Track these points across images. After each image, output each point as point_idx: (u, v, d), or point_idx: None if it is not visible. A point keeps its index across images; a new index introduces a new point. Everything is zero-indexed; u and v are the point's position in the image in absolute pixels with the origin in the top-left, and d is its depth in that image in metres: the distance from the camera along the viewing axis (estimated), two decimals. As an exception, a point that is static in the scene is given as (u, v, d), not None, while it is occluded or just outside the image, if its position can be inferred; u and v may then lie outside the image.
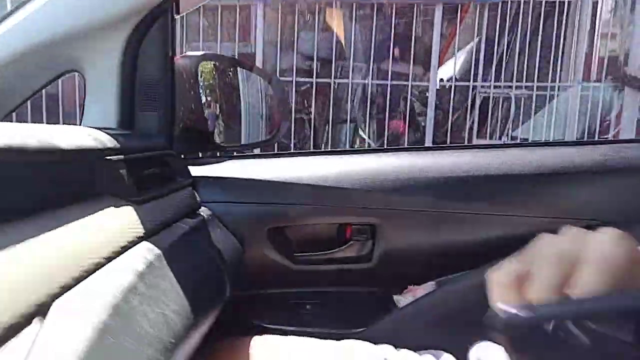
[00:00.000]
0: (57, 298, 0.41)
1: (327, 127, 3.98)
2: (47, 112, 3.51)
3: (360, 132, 4.07)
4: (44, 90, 0.89)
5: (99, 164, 0.60)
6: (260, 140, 1.17)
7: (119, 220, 0.57)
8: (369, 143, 4.02)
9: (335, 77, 3.87)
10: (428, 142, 3.81)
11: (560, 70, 3.87)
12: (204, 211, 0.81)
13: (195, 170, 0.88)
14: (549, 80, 3.79)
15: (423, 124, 4.00)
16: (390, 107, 3.87)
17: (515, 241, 0.84)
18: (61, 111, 3.62)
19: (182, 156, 0.92)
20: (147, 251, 0.57)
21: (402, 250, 0.87)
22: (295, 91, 3.85)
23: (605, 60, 3.84)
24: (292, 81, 3.80)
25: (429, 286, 0.87)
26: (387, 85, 3.82)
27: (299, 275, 0.89)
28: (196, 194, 0.84)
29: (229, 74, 1.11)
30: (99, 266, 0.49)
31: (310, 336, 0.79)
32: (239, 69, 1.12)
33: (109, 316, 0.44)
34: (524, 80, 3.79)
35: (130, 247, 0.55)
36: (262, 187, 0.86)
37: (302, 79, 3.84)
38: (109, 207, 0.58)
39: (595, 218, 0.85)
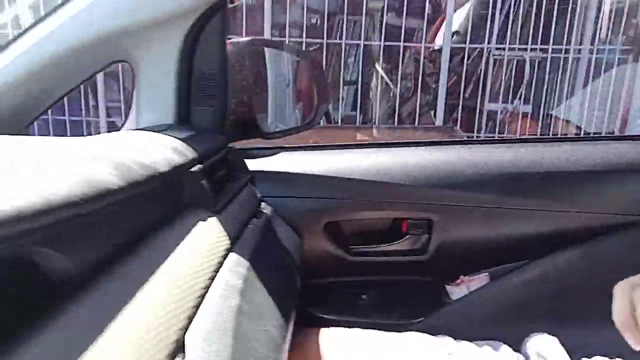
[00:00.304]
0: (186, 330, 0.43)
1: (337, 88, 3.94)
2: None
3: (377, 67, 3.99)
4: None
5: (185, 177, 0.60)
6: (301, 125, 1.17)
7: (208, 235, 0.58)
8: (385, 81, 3.94)
9: (346, 38, 3.80)
10: (440, 105, 3.78)
11: (580, 33, 3.79)
12: (264, 207, 0.83)
13: (251, 164, 0.89)
14: (564, 43, 3.73)
15: (433, 85, 3.96)
16: (401, 69, 3.82)
17: (568, 237, 0.87)
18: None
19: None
20: (236, 264, 0.58)
21: (457, 243, 0.89)
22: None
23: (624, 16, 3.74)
24: (302, 42, 3.73)
25: (481, 277, 0.90)
26: (400, 46, 3.76)
27: (355, 267, 0.91)
28: (255, 189, 0.85)
29: (274, 59, 1.10)
30: (206, 289, 0.50)
31: (368, 327, 0.82)
32: (284, 53, 1.11)
33: (233, 341, 0.46)
34: (539, 43, 3.72)
35: (222, 262, 0.57)
36: (319, 182, 0.87)
37: (312, 40, 3.77)
38: (197, 222, 0.59)
39: None
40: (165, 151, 0.59)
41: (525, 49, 3.76)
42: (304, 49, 3.77)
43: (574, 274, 0.86)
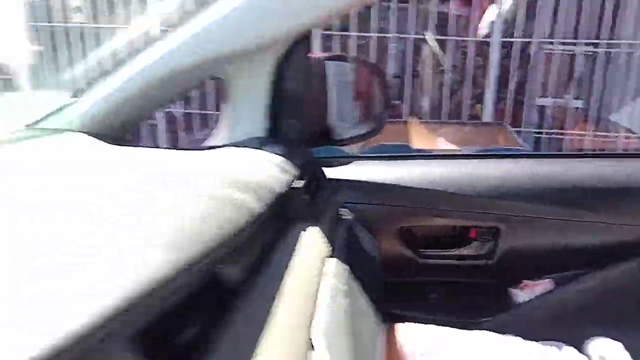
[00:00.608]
0: (310, 331, 0.52)
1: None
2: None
3: (428, 39, 3.96)
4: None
5: (290, 194, 0.69)
6: (368, 131, 1.25)
7: (311, 245, 0.67)
8: (437, 56, 3.92)
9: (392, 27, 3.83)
10: (489, 100, 3.76)
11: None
12: (346, 213, 0.91)
13: (328, 172, 0.97)
14: (623, 37, 3.63)
15: (481, 78, 3.94)
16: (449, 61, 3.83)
17: (628, 249, 0.92)
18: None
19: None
20: (336, 269, 0.67)
21: (522, 250, 0.96)
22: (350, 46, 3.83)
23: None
24: (349, 36, 3.78)
25: (545, 282, 0.96)
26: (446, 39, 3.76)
27: (424, 268, 0.99)
28: (335, 196, 0.93)
29: (343, 71, 1.17)
30: (317, 292, 0.59)
31: (438, 324, 0.90)
32: (352, 65, 1.19)
33: (349, 340, 0.54)
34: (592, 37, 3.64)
35: (325, 268, 0.66)
36: (394, 190, 0.95)
37: (361, 34, 3.82)
38: (301, 233, 0.67)
39: None
40: (274, 170, 0.68)
41: (576, 43, 3.69)
42: (354, 42, 3.81)
43: (636, 284, 0.91)
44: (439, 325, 0.89)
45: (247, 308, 0.46)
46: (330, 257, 0.68)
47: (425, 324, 0.89)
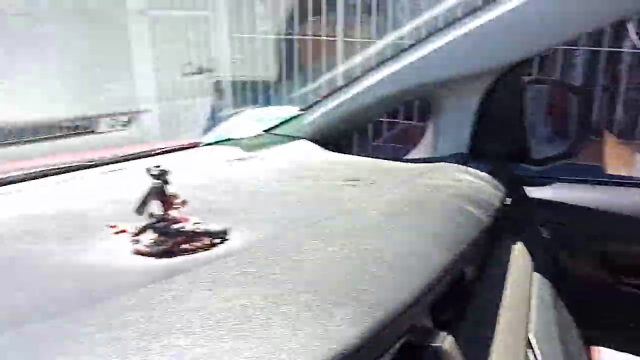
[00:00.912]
0: (529, 333, 0.58)
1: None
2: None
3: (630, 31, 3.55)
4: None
5: (503, 209, 0.75)
6: (561, 154, 1.25)
7: (520, 259, 0.73)
8: None
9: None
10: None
11: None
12: (543, 232, 0.94)
13: (528, 191, 1.00)
14: None
15: None
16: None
17: None
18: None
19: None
20: (541, 282, 0.72)
21: None
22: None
23: None
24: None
25: None
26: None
27: (626, 297, 0.97)
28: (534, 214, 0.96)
29: (545, 95, 1.20)
30: (529, 306, 0.65)
31: (638, 354, 0.88)
32: (555, 88, 1.20)
33: (560, 347, 0.60)
34: None
35: (533, 283, 0.71)
36: (593, 213, 0.95)
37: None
38: (511, 247, 0.74)
39: None
40: (488, 186, 0.75)
41: None
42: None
43: None
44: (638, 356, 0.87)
45: (481, 302, 0.54)
46: (535, 270, 0.73)
47: (623, 352, 0.88)
